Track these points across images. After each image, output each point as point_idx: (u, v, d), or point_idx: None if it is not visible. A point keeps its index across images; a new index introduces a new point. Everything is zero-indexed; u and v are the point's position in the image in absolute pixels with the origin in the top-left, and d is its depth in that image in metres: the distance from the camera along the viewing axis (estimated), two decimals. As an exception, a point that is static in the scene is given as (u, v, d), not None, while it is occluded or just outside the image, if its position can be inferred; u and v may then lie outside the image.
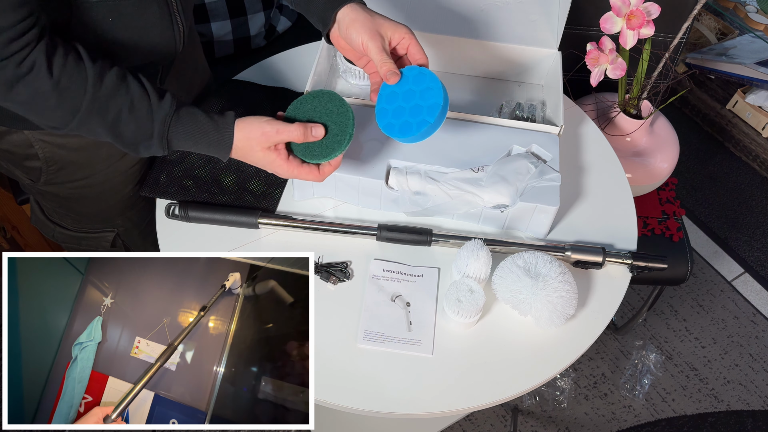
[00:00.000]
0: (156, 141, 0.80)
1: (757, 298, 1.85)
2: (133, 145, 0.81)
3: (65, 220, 1.11)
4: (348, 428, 1.53)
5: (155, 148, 0.81)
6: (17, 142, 0.92)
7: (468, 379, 0.85)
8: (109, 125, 0.77)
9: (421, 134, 0.84)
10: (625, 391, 1.65)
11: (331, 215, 1.00)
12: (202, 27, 1.48)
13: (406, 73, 0.86)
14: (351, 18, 0.85)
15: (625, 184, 1.09)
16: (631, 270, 0.96)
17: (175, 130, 0.81)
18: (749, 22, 2.12)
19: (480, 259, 0.88)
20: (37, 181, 0.99)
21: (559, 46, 1.14)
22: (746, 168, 2.15)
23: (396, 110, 0.86)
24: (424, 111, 0.83)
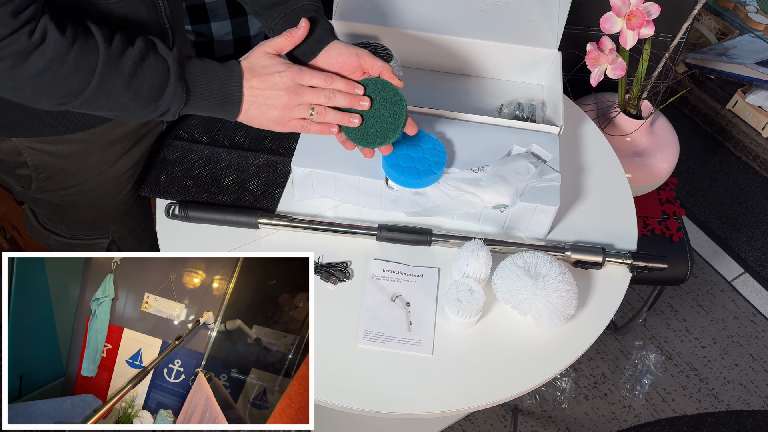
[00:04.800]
0: (173, 83, 0.78)
1: (757, 298, 1.85)
2: (152, 101, 0.78)
3: (59, 227, 1.10)
4: (348, 428, 1.53)
5: (173, 95, 0.79)
6: (6, 150, 0.91)
7: (468, 379, 0.85)
8: (127, 79, 0.76)
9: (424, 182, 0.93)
10: (625, 391, 1.65)
11: (331, 215, 1.00)
12: (202, 27, 1.47)
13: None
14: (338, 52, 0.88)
15: (625, 184, 1.09)
16: (631, 270, 0.96)
17: (190, 70, 0.80)
18: (749, 22, 2.12)
19: (480, 259, 0.88)
20: (29, 189, 0.99)
21: (559, 46, 1.14)
22: (746, 168, 2.15)
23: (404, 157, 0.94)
24: (432, 165, 0.94)
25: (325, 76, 0.85)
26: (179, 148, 1.03)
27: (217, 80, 0.81)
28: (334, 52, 0.88)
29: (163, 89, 0.78)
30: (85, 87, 0.74)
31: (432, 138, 0.96)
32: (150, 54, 0.77)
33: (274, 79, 0.83)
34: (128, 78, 0.76)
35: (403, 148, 0.94)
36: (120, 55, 0.75)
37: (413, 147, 0.95)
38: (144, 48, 0.77)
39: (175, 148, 1.03)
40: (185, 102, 0.80)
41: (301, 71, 0.84)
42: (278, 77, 0.83)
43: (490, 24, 1.15)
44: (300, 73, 0.83)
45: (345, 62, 0.87)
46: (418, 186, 0.93)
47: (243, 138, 1.06)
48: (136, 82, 0.76)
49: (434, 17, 1.15)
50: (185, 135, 1.05)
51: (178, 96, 0.79)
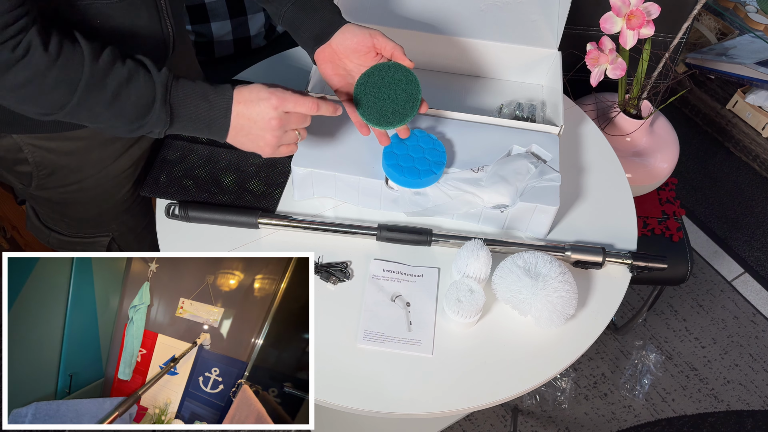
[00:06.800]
0: (158, 107, 0.78)
1: (757, 298, 1.85)
2: (135, 120, 0.79)
3: (60, 225, 1.10)
4: (348, 428, 1.53)
5: (157, 118, 0.79)
6: (6, 147, 0.92)
7: (468, 379, 0.85)
8: (109, 99, 0.76)
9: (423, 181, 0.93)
10: (625, 391, 1.65)
11: (331, 215, 1.00)
12: (202, 27, 1.47)
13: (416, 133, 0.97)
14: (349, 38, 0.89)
15: (625, 184, 1.09)
16: (631, 270, 0.96)
17: (176, 94, 0.79)
18: (749, 22, 2.12)
19: (480, 259, 0.88)
20: (29, 186, 0.99)
21: (559, 46, 1.14)
22: (746, 168, 2.15)
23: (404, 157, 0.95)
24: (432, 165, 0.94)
25: (310, 103, 0.83)
26: (179, 148, 1.03)
27: (205, 104, 0.81)
28: (348, 35, 0.89)
29: (147, 111, 0.79)
30: (67, 102, 0.75)
31: (432, 138, 0.96)
32: (138, 75, 0.77)
33: (259, 108, 0.82)
34: (111, 97, 0.76)
35: (403, 148, 0.94)
36: (105, 73, 0.75)
37: (413, 147, 0.95)
38: (133, 68, 0.77)
39: (175, 148, 1.03)
40: (169, 125, 0.81)
41: (284, 99, 0.82)
42: (263, 105, 0.82)
43: (490, 24, 1.15)
44: (284, 101, 0.82)
45: (359, 43, 0.89)
46: (418, 186, 0.93)
47: (243, 138, 1.06)
48: (120, 101, 0.77)
49: (434, 17, 1.15)
50: (185, 135, 1.05)
51: (162, 119, 0.79)
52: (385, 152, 0.94)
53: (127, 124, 0.79)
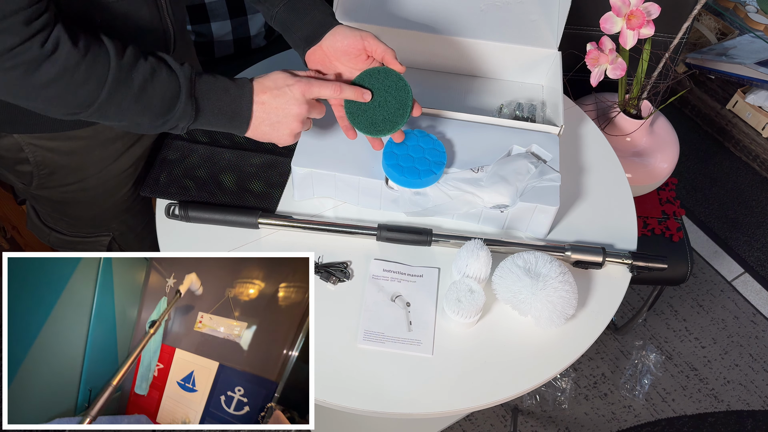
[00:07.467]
0: (184, 100, 0.78)
1: (757, 298, 1.85)
2: (161, 114, 0.79)
3: (60, 224, 1.10)
4: (348, 428, 1.53)
5: (182, 112, 0.79)
6: (7, 146, 0.91)
7: (468, 379, 0.85)
8: (137, 94, 0.76)
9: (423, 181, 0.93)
10: (625, 391, 1.65)
11: (331, 215, 1.00)
12: (202, 27, 1.47)
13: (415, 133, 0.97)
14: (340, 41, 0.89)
15: (625, 184, 1.09)
16: (631, 270, 0.96)
17: (200, 88, 0.80)
18: (749, 22, 2.12)
19: (480, 259, 0.88)
20: (30, 185, 0.99)
21: (559, 46, 1.14)
22: (746, 168, 2.15)
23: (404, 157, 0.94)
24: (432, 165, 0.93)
25: (333, 86, 0.85)
26: (179, 148, 1.03)
27: (227, 97, 0.82)
28: (339, 36, 0.88)
29: (174, 105, 0.79)
30: (96, 98, 0.74)
31: (432, 138, 0.96)
32: (161, 69, 0.78)
33: (286, 96, 0.83)
34: (138, 92, 0.76)
35: (403, 148, 0.94)
36: (131, 68, 0.75)
37: (413, 147, 0.95)
38: (156, 63, 0.78)
39: (175, 148, 1.03)
40: (194, 118, 0.81)
41: (310, 84, 0.84)
42: (288, 91, 0.83)
43: (490, 24, 1.15)
44: (309, 86, 0.84)
45: (350, 45, 0.88)
46: (418, 186, 0.93)
47: (243, 138, 1.06)
48: (146, 96, 0.77)
49: (434, 17, 1.15)
50: (185, 135, 1.05)
51: (187, 113, 0.80)
52: (385, 152, 0.94)
53: (153, 120, 0.79)
